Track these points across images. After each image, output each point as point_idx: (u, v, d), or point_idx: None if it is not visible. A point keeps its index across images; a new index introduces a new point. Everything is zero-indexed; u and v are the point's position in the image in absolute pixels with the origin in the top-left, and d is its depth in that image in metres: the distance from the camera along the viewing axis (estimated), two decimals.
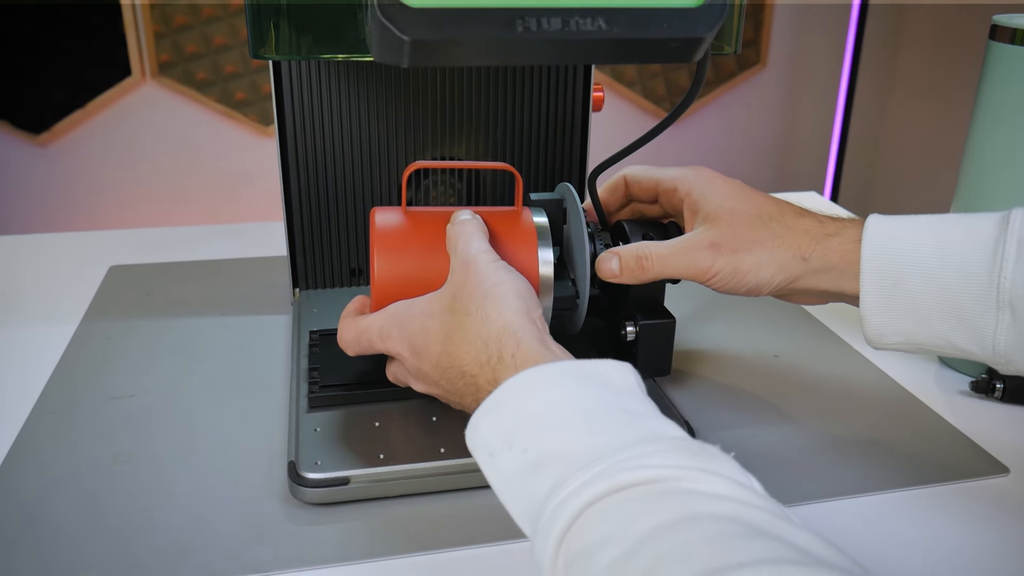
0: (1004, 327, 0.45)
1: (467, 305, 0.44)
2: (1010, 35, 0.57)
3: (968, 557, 0.46)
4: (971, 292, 0.46)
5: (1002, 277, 0.45)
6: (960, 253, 0.46)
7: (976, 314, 0.46)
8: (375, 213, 0.51)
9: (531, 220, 0.53)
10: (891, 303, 0.48)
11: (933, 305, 0.47)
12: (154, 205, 2.00)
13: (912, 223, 0.48)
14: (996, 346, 0.46)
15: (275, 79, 0.63)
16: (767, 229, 0.50)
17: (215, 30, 1.87)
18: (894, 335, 0.49)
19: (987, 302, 0.45)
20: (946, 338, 0.47)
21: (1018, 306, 0.44)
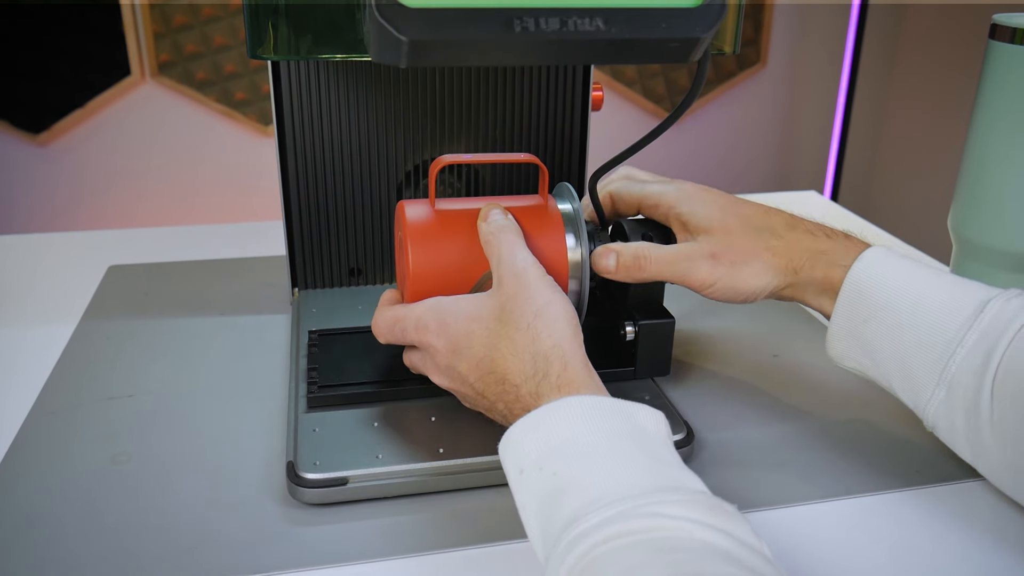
0: (937, 402, 0.48)
1: (518, 319, 0.45)
2: (1010, 34, 0.57)
3: (968, 557, 0.46)
4: (924, 360, 0.48)
5: (951, 360, 0.47)
6: (929, 321, 0.48)
7: (920, 378, 0.48)
8: (403, 206, 0.52)
9: (556, 208, 0.53)
10: (855, 337, 0.50)
11: (889, 353, 0.49)
12: (154, 205, 2.00)
13: (904, 273, 0.49)
14: (927, 412, 0.49)
15: (274, 79, 0.63)
16: (761, 240, 0.51)
17: (215, 30, 1.87)
18: (851, 361, 0.52)
19: (932, 373, 0.48)
20: (890, 384, 0.50)
21: (954, 388, 0.47)
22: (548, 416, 0.41)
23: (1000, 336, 0.46)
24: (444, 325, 0.47)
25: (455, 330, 0.47)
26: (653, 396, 0.55)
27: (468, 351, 0.46)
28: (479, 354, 0.46)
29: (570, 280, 0.53)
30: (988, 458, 0.47)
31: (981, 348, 0.46)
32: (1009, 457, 0.46)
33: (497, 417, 0.47)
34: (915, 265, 0.50)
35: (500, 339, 0.45)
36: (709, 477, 0.51)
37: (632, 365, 0.56)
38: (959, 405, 0.47)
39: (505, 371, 0.44)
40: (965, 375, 0.47)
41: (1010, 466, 0.46)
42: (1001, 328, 0.46)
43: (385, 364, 0.57)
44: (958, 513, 0.49)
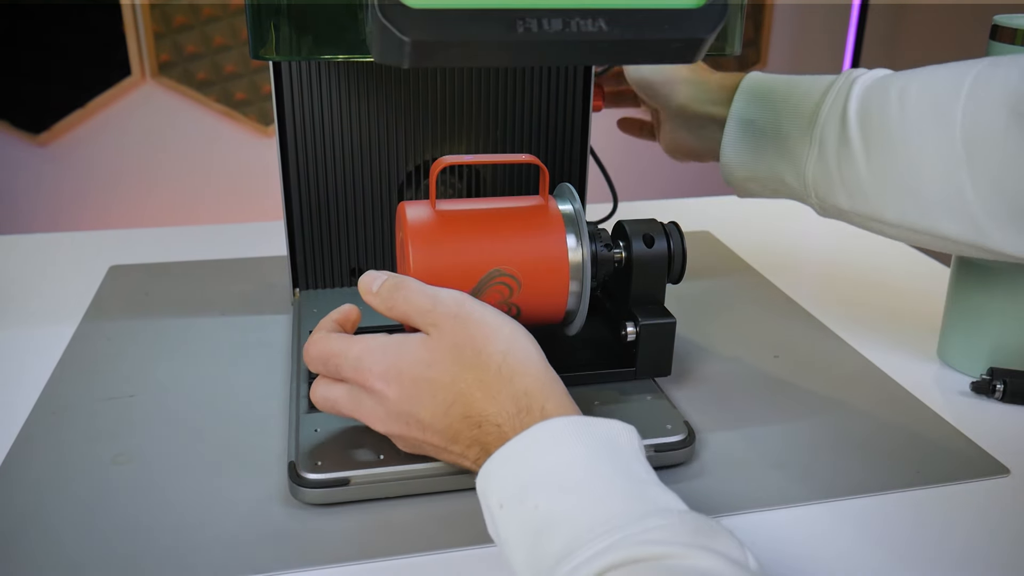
0: (812, 158, 0.57)
1: (486, 361, 0.44)
2: (1011, 35, 0.57)
3: (968, 558, 0.46)
4: (797, 127, 0.58)
5: (819, 113, 0.57)
6: (800, 96, 0.59)
7: (796, 148, 0.58)
8: (404, 208, 0.52)
9: (557, 209, 0.53)
10: (743, 138, 0.61)
11: (770, 140, 0.59)
12: (154, 205, 2.00)
13: (780, 79, 0.62)
14: (806, 176, 0.57)
15: (275, 79, 0.63)
16: None
17: (215, 30, 1.87)
18: (740, 167, 0.62)
19: (804, 136, 0.57)
20: (775, 171, 0.60)
21: (826, 140, 0.56)
22: (525, 446, 0.41)
23: (854, 82, 0.56)
24: (396, 372, 0.45)
25: (411, 377, 0.44)
26: (654, 396, 0.55)
27: (432, 399, 0.44)
28: (447, 400, 0.44)
29: (571, 280, 0.53)
30: (858, 181, 0.55)
31: (840, 96, 0.56)
32: (874, 165, 0.54)
33: (465, 462, 0.45)
34: (794, 77, 0.62)
35: (470, 385, 0.44)
36: (709, 477, 0.51)
37: (633, 365, 0.56)
38: (831, 149, 0.56)
39: (483, 414, 0.43)
40: (831, 122, 0.56)
41: (876, 172, 0.54)
42: (856, 76, 0.57)
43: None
44: (958, 513, 0.49)
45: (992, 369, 0.60)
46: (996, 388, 0.59)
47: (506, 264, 0.51)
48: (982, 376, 0.61)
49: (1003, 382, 0.59)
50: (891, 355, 0.66)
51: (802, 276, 0.81)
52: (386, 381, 0.45)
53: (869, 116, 0.54)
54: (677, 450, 0.51)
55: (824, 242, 0.91)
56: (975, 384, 0.61)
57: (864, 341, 0.68)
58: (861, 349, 0.67)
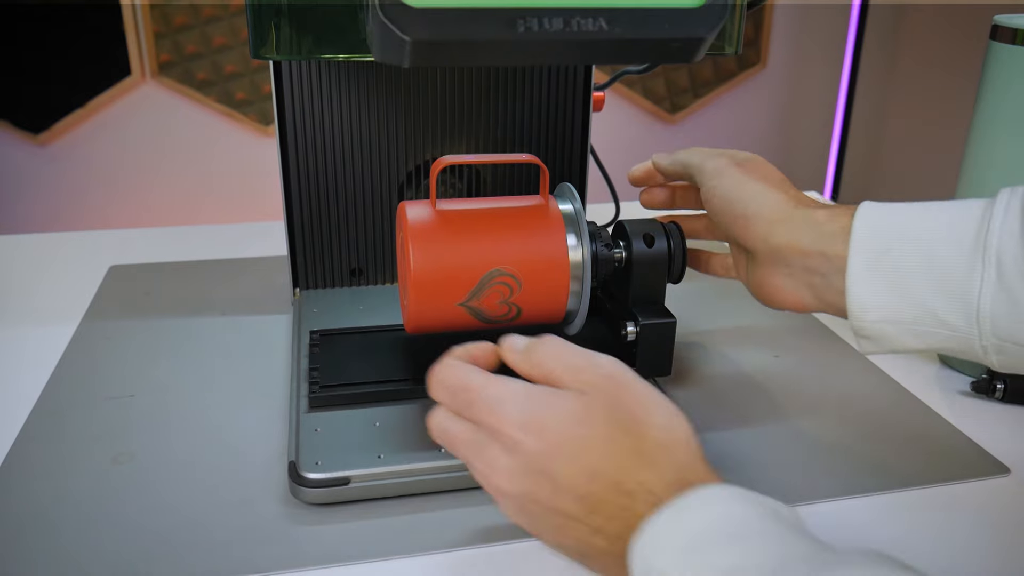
0: (989, 285, 0.44)
1: (644, 430, 0.39)
2: (1011, 35, 0.57)
3: (968, 557, 0.46)
4: (957, 255, 0.45)
5: (989, 233, 0.44)
6: (948, 220, 0.46)
7: (961, 276, 0.45)
8: (404, 207, 0.52)
9: (557, 209, 0.54)
10: (877, 271, 0.47)
11: (918, 269, 0.46)
12: (155, 205, 2.00)
13: (904, 205, 0.48)
14: (980, 310, 0.45)
15: (275, 79, 0.63)
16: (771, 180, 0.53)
17: (215, 30, 1.87)
18: (877, 309, 0.48)
19: (972, 261, 0.45)
20: (930, 309, 0.46)
21: (1004, 261, 0.44)
22: (687, 506, 0.36)
23: None
24: (539, 424, 0.39)
25: (557, 432, 0.39)
26: None
27: (577, 459, 0.39)
28: (595, 463, 0.38)
29: (571, 280, 0.53)
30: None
31: (1014, 213, 0.44)
32: None
33: (597, 539, 0.38)
34: (908, 203, 0.49)
35: (626, 450, 0.39)
36: None
37: (633, 365, 0.56)
38: (1014, 269, 0.44)
39: (638, 480, 0.38)
40: (1009, 239, 0.43)
41: None
42: (1022, 194, 0.45)
43: (386, 364, 0.57)
44: (958, 513, 0.49)
45: (992, 369, 0.60)
46: (996, 388, 0.59)
47: (506, 264, 0.51)
48: (982, 376, 0.61)
49: (1003, 382, 0.59)
50: (891, 355, 0.66)
51: None
52: (525, 431, 0.39)
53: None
54: None
55: None
56: (975, 384, 0.61)
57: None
58: None
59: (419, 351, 0.58)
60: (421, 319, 0.52)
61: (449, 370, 0.42)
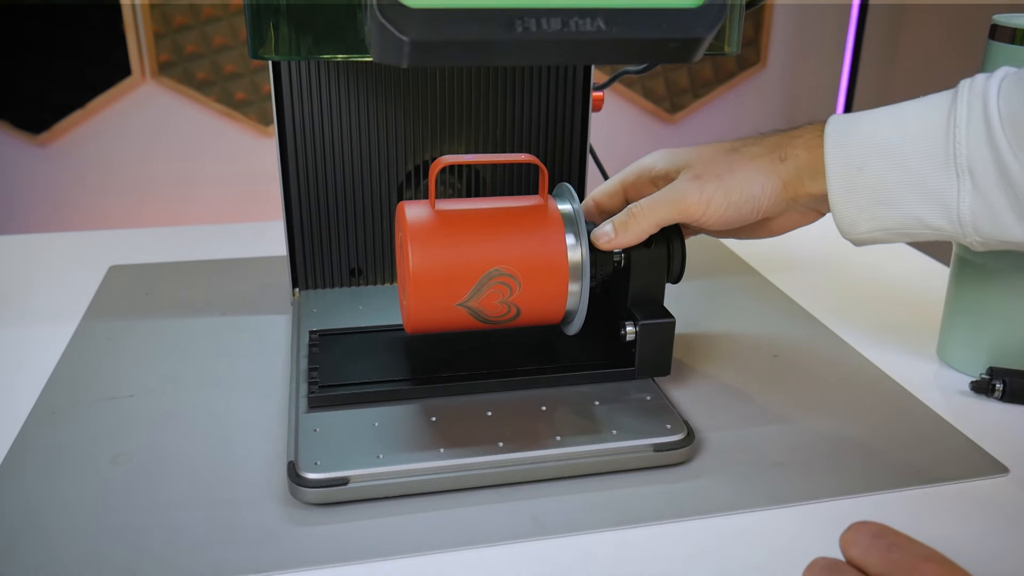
0: (966, 194, 0.46)
1: None
2: (1010, 35, 0.57)
3: (968, 557, 0.46)
4: (931, 163, 0.47)
5: (956, 143, 0.46)
6: (916, 128, 0.48)
7: (938, 185, 0.47)
8: (403, 207, 0.53)
9: (556, 209, 0.54)
10: (857, 189, 0.49)
11: (897, 184, 0.48)
12: (154, 205, 2.00)
13: (870, 114, 0.50)
14: (961, 216, 0.47)
15: (275, 79, 0.63)
16: (739, 153, 0.52)
17: (215, 30, 1.87)
18: (865, 222, 0.50)
19: (947, 171, 0.47)
20: (914, 216, 0.48)
21: (976, 170, 0.46)
22: None
23: (986, 97, 0.46)
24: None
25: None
26: (653, 396, 0.55)
27: None
28: None
29: (570, 280, 0.53)
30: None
31: (976, 115, 0.46)
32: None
33: None
34: (876, 108, 0.50)
35: None
36: (709, 477, 0.51)
37: (632, 365, 0.56)
38: (987, 178, 0.45)
39: None
40: (977, 147, 0.45)
41: None
42: (981, 92, 0.46)
43: (386, 364, 0.57)
44: (958, 513, 0.49)
45: (992, 369, 0.60)
46: (996, 387, 0.59)
47: (505, 264, 0.51)
48: (982, 376, 0.61)
49: (1003, 381, 0.59)
50: (891, 355, 0.66)
51: (802, 276, 0.81)
52: None
53: (1022, 126, 0.45)
54: (677, 449, 0.51)
55: (824, 242, 0.90)
56: (975, 383, 0.61)
57: (864, 341, 0.68)
58: (861, 349, 0.67)
59: (418, 351, 0.58)
60: (420, 319, 0.52)
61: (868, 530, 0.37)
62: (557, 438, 0.50)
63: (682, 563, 0.45)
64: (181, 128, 1.94)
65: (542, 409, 0.53)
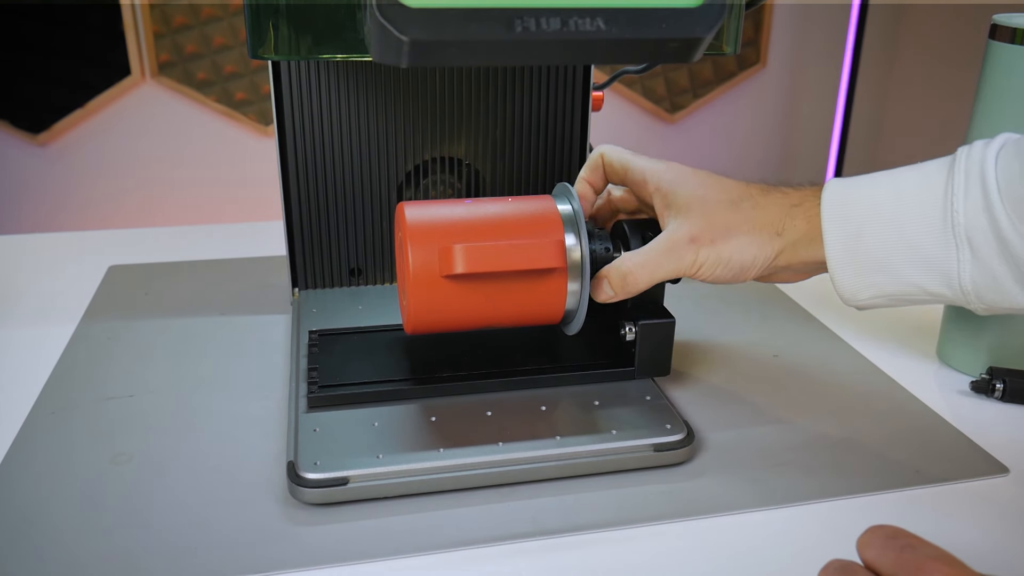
0: (966, 263, 0.46)
1: None
2: (1010, 35, 0.57)
3: (968, 557, 0.46)
4: (929, 233, 0.47)
5: (955, 212, 0.46)
6: (913, 196, 0.48)
7: (937, 254, 0.47)
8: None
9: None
10: (856, 257, 0.49)
11: (896, 252, 0.48)
12: (154, 205, 2.00)
13: (868, 179, 0.50)
14: (963, 285, 0.47)
15: (274, 79, 0.63)
16: (739, 212, 0.52)
17: (215, 30, 1.87)
18: (865, 289, 0.49)
19: (945, 241, 0.46)
20: (915, 284, 0.48)
21: (975, 240, 0.46)
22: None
23: (983, 166, 0.46)
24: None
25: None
26: (653, 396, 0.55)
27: None
28: None
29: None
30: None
31: (974, 185, 0.46)
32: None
33: None
34: (872, 174, 0.50)
35: None
36: (709, 477, 0.51)
37: (632, 365, 0.56)
38: (987, 248, 0.46)
39: None
40: (975, 217, 0.45)
41: None
42: (979, 160, 0.46)
43: (385, 364, 0.57)
44: (957, 512, 0.49)
45: (991, 368, 0.60)
46: (995, 387, 0.59)
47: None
48: (981, 375, 0.61)
49: (1002, 381, 0.59)
50: (891, 355, 0.66)
51: None
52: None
53: (1020, 195, 0.45)
54: (676, 449, 0.51)
55: None
56: (974, 383, 0.61)
57: (864, 341, 0.68)
58: (861, 349, 0.67)
59: (418, 351, 0.58)
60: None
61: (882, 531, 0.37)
62: (557, 438, 0.50)
63: (682, 563, 0.45)
64: (181, 128, 1.94)
65: (542, 409, 0.53)
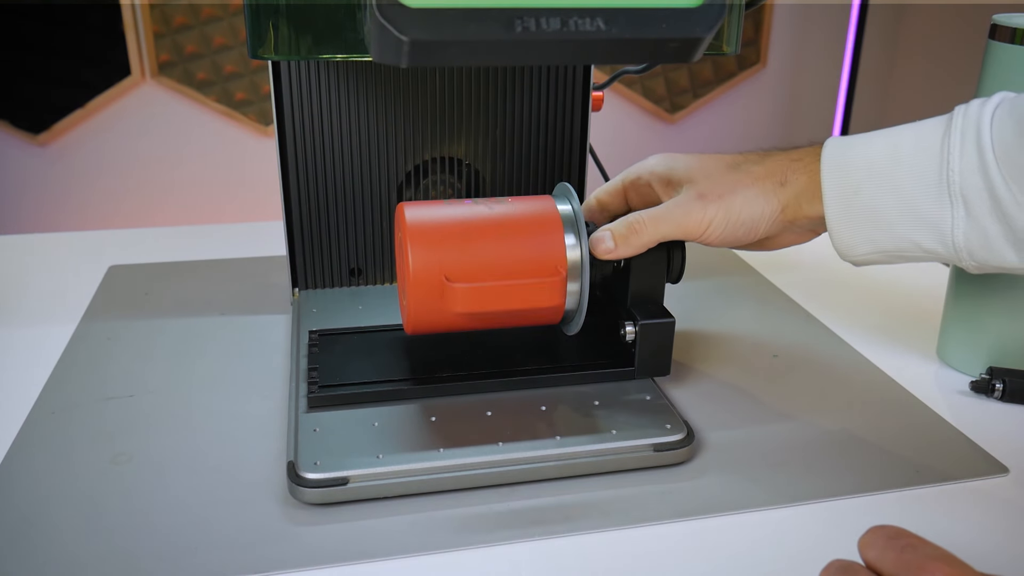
0: (960, 220, 0.47)
1: None
2: (1010, 35, 0.57)
3: (968, 557, 0.46)
4: (924, 190, 0.48)
5: (950, 171, 0.47)
6: (910, 154, 0.49)
7: (932, 211, 0.48)
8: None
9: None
10: (853, 212, 0.50)
11: (892, 208, 0.49)
12: (154, 205, 2.00)
13: (867, 137, 0.51)
14: (956, 241, 0.48)
15: (274, 79, 0.63)
16: (741, 171, 0.53)
17: (215, 30, 1.87)
18: (861, 244, 0.51)
19: (940, 198, 0.47)
20: (910, 239, 0.49)
21: (970, 198, 0.46)
22: None
23: (979, 126, 0.47)
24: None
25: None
26: (653, 396, 0.55)
27: None
28: None
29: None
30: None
31: (970, 144, 0.47)
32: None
33: None
34: (874, 132, 0.51)
35: None
36: (709, 477, 0.51)
37: (632, 365, 0.56)
38: (981, 207, 0.46)
39: None
40: (970, 175, 0.46)
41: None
42: (975, 120, 0.47)
43: (386, 364, 0.57)
44: (957, 512, 0.49)
45: (991, 368, 0.60)
46: (995, 387, 0.59)
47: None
48: (981, 375, 0.61)
49: (1002, 381, 0.59)
50: (891, 355, 0.66)
51: (802, 276, 0.81)
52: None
53: (1014, 157, 0.45)
54: (676, 449, 0.51)
55: (823, 243, 0.90)
56: (974, 383, 0.61)
57: (864, 341, 0.68)
58: (861, 349, 0.67)
59: (418, 351, 0.58)
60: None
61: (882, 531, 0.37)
62: (557, 438, 0.50)
63: (682, 563, 0.45)
64: (181, 128, 1.94)
65: (542, 409, 0.53)
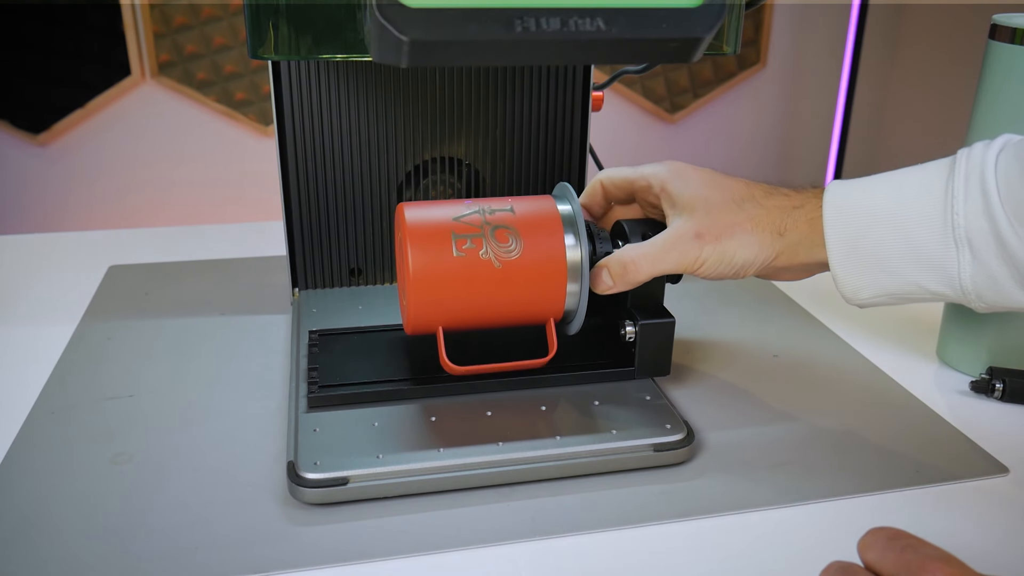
0: (966, 264, 0.47)
1: None
2: (1010, 35, 0.57)
3: (968, 557, 0.46)
4: (929, 234, 0.48)
5: (955, 214, 0.47)
6: (914, 198, 0.48)
7: (938, 255, 0.48)
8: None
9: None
10: (857, 256, 0.50)
11: (896, 253, 0.49)
12: (154, 205, 2.00)
13: (869, 181, 0.51)
14: (963, 284, 0.48)
15: (274, 79, 0.63)
16: (743, 211, 0.52)
17: (215, 30, 1.87)
18: (867, 288, 0.50)
19: (945, 242, 0.47)
20: (916, 283, 0.49)
21: (975, 241, 0.46)
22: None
23: (983, 169, 0.47)
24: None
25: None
26: (653, 396, 0.55)
27: None
28: None
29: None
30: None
31: (974, 187, 0.46)
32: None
33: None
34: (873, 176, 0.51)
35: None
36: (709, 477, 0.51)
37: (632, 365, 0.56)
38: (987, 250, 0.46)
39: None
40: (975, 219, 0.46)
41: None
42: (979, 163, 0.47)
43: (386, 364, 0.57)
44: (957, 512, 0.49)
45: (991, 368, 0.60)
46: (995, 387, 0.59)
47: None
48: (981, 375, 0.61)
49: (1002, 381, 0.59)
50: (891, 355, 0.66)
51: None
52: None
53: (1020, 199, 0.45)
54: (676, 449, 0.51)
55: None
56: (974, 383, 0.61)
57: (864, 341, 0.68)
58: (861, 349, 0.67)
59: (418, 351, 0.58)
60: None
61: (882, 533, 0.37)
62: (557, 438, 0.50)
63: (682, 563, 0.45)
64: (181, 128, 1.94)
65: (542, 409, 0.53)
